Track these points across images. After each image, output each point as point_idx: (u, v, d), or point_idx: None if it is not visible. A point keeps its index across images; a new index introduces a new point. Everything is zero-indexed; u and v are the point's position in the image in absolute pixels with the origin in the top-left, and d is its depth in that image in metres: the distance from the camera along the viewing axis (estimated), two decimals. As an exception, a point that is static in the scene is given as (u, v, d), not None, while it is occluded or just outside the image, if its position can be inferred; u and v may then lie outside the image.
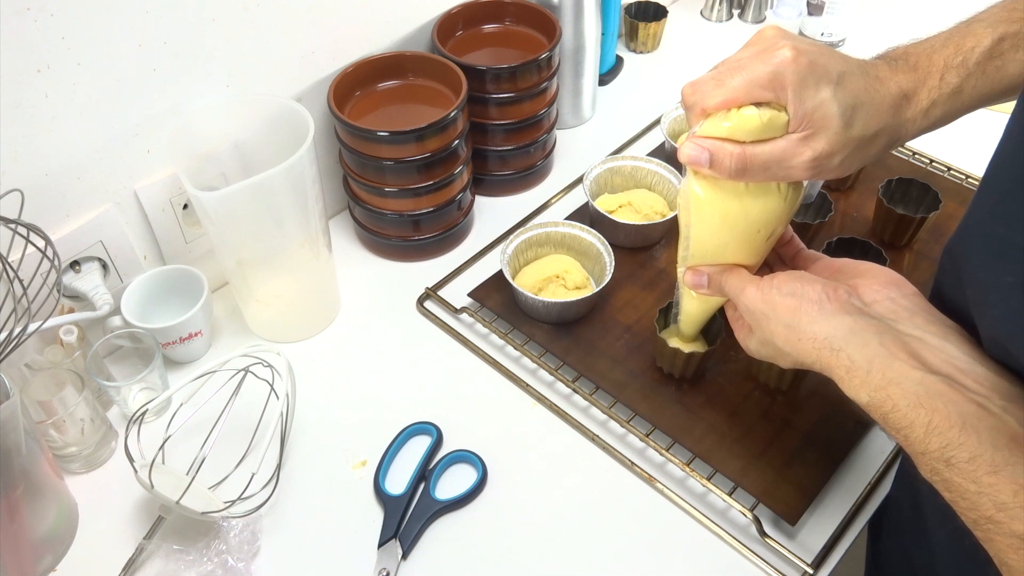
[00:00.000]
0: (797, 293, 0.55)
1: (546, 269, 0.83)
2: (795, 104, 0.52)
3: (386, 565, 0.65)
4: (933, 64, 0.56)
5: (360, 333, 0.83)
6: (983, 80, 0.57)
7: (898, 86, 0.55)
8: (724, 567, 0.65)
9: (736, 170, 0.54)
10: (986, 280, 0.47)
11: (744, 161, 0.53)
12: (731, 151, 0.53)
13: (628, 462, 0.72)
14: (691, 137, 0.55)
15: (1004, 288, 0.45)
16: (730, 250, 0.60)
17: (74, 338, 0.71)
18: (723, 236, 0.59)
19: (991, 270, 0.47)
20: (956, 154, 0.98)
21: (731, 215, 0.57)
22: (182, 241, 0.81)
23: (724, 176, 0.55)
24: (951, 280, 0.53)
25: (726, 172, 0.54)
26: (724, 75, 0.53)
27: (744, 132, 0.53)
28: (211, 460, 0.63)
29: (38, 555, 0.64)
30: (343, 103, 0.84)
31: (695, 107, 0.54)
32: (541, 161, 0.98)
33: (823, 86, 0.52)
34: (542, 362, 0.78)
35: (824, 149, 0.53)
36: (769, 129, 0.53)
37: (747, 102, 0.52)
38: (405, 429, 0.74)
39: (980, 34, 0.56)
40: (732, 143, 0.53)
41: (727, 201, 0.57)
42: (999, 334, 0.46)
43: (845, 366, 0.51)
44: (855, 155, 0.54)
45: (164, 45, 0.70)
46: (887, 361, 0.49)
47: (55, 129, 0.67)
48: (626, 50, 1.21)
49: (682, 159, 0.55)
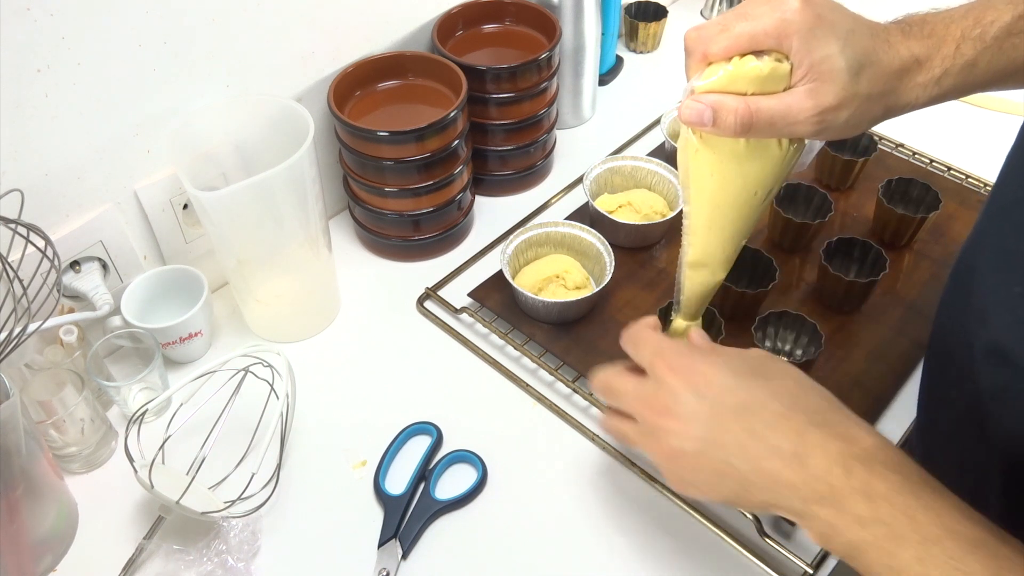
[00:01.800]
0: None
1: (546, 269, 0.83)
2: (801, 54, 0.50)
3: (386, 565, 0.65)
4: (949, 33, 0.54)
5: (360, 333, 0.83)
6: (999, 56, 0.55)
7: (909, 51, 0.53)
8: (724, 567, 0.65)
9: (741, 125, 0.52)
10: (994, 290, 0.47)
11: (749, 116, 0.52)
12: (735, 106, 0.52)
13: (628, 462, 0.72)
14: (691, 95, 0.53)
15: (1013, 298, 0.45)
16: (728, 215, 0.59)
17: (74, 338, 0.71)
18: (720, 199, 0.58)
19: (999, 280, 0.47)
20: (956, 154, 0.98)
21: (729, 177, 0.56)
22: (182, 241, 0.81)
23: (728, 134, 0.53)
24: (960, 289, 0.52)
25: (730, 129, 0.52)
26: (730, 21, 0.51)
27: (746, 81, 0.51)
28: (211, 460, 0.63)
29: (38, 555, 0.64)
30: (343, 103, 0.84)
31: (696, 52, 0.53)
32: (541, 161, 0.98)
33: (831, 39, 0.50)
34: (542, 362, 0.78)
35: (831, 103, 0.51)
36: (771, 80, 0.51)
37: (751, 50, 0.51)
38: (405, 429, 0.74)
39: (1001, 9, 0.55)
40: (735, 97, 0.52)
41: (725, 163, 0.55)
42: (1003, 342, 0.46)
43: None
44: (861, 114, 0.53)
45: (164, 45, 0.70)
46: None
47: (55, 129, 0.67)
48: (626, 50, 1.21)
49: (683, 119, 0.54)
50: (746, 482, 0.51)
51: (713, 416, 0.52)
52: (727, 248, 0.62)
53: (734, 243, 0.61)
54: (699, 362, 0.54)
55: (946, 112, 1.07)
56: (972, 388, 0.51)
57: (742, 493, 0.51)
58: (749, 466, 0.50)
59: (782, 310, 0.77)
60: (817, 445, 0.49)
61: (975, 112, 1.07)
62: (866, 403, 0.74)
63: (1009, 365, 0.46)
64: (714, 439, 0.51)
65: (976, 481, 0.53)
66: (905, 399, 0.75)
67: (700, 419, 0.52)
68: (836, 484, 0.47)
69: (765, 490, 0.50)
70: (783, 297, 0.83)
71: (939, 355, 0.58)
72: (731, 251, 0.62)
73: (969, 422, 0.52)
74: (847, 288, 0.79)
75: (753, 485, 0.50)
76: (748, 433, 0.50)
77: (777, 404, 0.51)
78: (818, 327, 0.75)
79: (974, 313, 0.49)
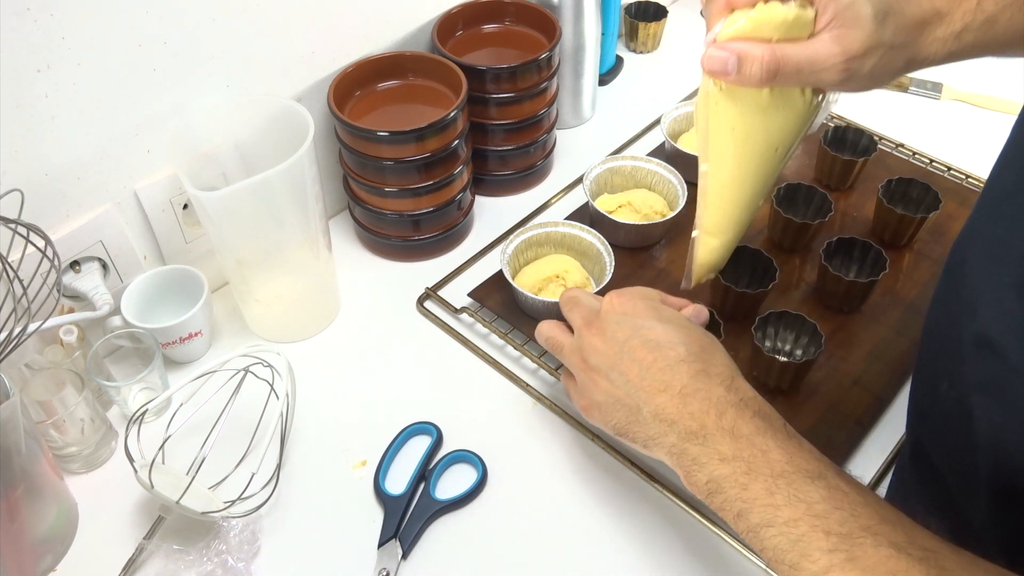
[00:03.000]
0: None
1: (546, 269, 0.83)
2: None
3: (386, 565, 0.65)
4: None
5: (360, 333, 0.83)
6: (1019, 15, 0.55)
7: (930, 2, 0.53)
8: (724, 567, 0.65)
9: (767, 72, 0.51)
10: (984, 281, 0.47)
11: (776, 63, 0.51)
12: (760, 54, 0.51)
13: (628, 461, 0.72)
14: (713, 44, 0.52)
15: (1000, 289, 0.45)
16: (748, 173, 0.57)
17: (74, 338, 0.71)
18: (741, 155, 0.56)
19: (988, 271, 0.47)
20: (956, 154, 0.98)
21: (752, 131, 0.55)
22: (182, 241, 0.81)
23: (752, 83, 0.52)
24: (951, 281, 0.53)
25: (755, 77, 0.51)
26: None
27: (771, 27, 0.50)
28: (211, 460, 0.63)
29: (38, 555, 0.64)
30: (343, 103, 0.84)
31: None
32: (541, 161, 0.98)
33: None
34: (542, 362, 0.78)
35: (857, 50, 0.51)
36: (796, 26, 0.50)
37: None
38: (405, 429, 0.74)
39: None
40: (761, 44, 0.51)
41: (748, 116, 0.54)
42: (990, 333, 0.46)
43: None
44: (884, 64, 0.52)
45: (164, 45, 0.70)
46: None
47: (55, 129, 0.67)
48: (626, 50, 1.21)
49: (705, 68, 0.53)
50: (636, 412, 0.57)
51: (627, 341, 0.58)
52: (744, 211, 0.60)
53: (752, 205, 0.60)
54: (636, 300, 0.61)
55: (946, 112, 1.08)
56: (961, 380, 0.51)
57: (630, 424, 0.58)
58: (642, 396, 0.56)
59: (782, 310, 0.77)
60: (702, 389, 0.55)
61: (975, 112, 1.08)
62: (866, 403, 0.74)
63: (996, 356, 0.46)
64: (621, 363, 0.58)
65: (964, 473, 0.53)
66: (905, 399, 0.75)
67: (617, 341, 0.59)
68: (708, 424, 0.53)
69: (649, 423, 0.56)
70: (783, 297, 0.83)
71: (930, 348, 0.58)
72: (747, 214, 0.60)
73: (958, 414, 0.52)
74: (847, 288, 0.79)
75: (640, 416, 0.57)
76: (649, 366, 0.56)
77: (684, 350, 0.57)
78: (818, 327, 0.75)
79: (964, 305, 0.49)
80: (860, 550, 0.44)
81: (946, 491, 0.55)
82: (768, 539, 0.48)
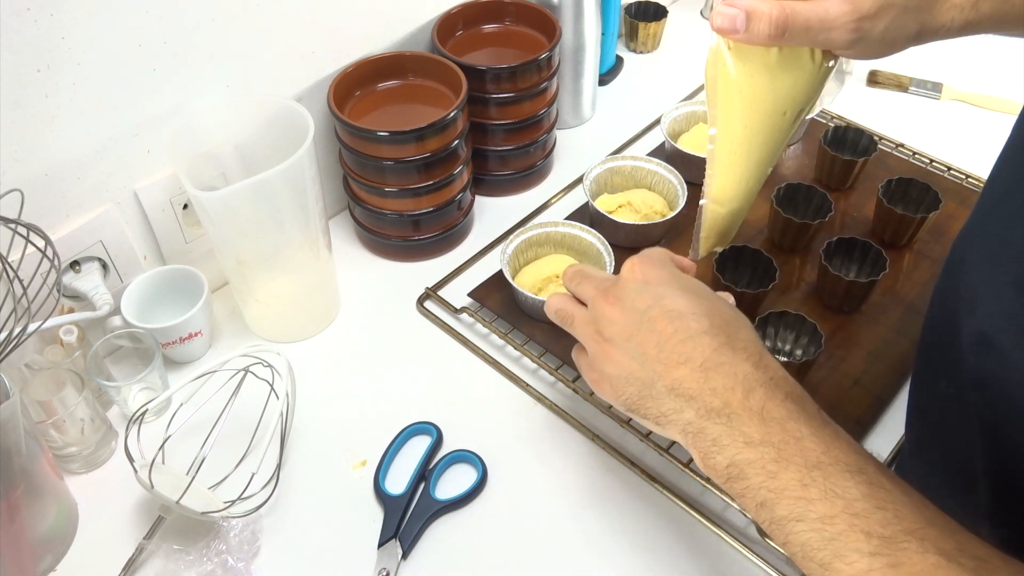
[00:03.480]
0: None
1: (546, 269, 0.83)
2: None
3: (386, 565, 0.65)
4: None
5: (360, 333, 0.83)
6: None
7: None
8: (724, 567, 0.65)
9: (776, 28, 0.51)
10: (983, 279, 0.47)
11: (784, 20, 0.51)
12: (769, 10, 0.50)
13: (628, 462, 0.72)
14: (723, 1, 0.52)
15: (998, 286, 0.45)
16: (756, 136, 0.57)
17: (74, 338, 0.71)
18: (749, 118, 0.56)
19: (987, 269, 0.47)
20: (956, 154, 0.98)
21: (759, 91, 0.55)
22: (182, 241, 0.81)
23: (761, 40, 0.52)
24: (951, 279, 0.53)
25: (763, 35, 0.51)
26: None
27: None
28: (211, 460, 0.63)
29: (38, 555, 0.64)
30: (343, 103, 0.84)
31: None
32: (541, 161, 0.98)
33: None
34: (542, 362, 0.78)
35: (868, 9, 0.50)
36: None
37: None
38: (405, 429, 0.74)
39: None
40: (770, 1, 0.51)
41: (756, 76, 0.54)
42: (988, 330, 0.46)
43: None
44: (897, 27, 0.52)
45: (164, 45, 0.70)
46: None
47: (55, 129, 0.67)
48: (626, 50, 1.21)
49: (714, 26, 0.52)
50: (649, 386, 0.53)
51: (647, 311, 0.54)
52: (752, 178, 0.59)
53: (759, 173, 0.59)
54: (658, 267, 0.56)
55: (946, 112, 1.08)
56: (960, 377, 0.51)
57: (642, 400, 0.53)
58: (658, 368, 0.52)
59: (782, 310, 0.77)
60: (726, 363, 0.50)
61: (975, 112, 1.08)
62: (866, 403, 0.74)
63: (994, 353, 0.46)
64: (639, 334, 0.53)
65: (963, 470, 0.53)
66: (905, 399, 0.75)
67: (637, 311, 0.54)
68: (732, 402, 0.49)
69: (663, 398, 0.52)
70: (783, 297, 0.83)
71: (930, 345, 0.58)
72: (755, 183, 0.60)
73: (956, 412, 0.52)
74: (847, 288, 0.79)
75: (654, 391, 0.52)
76: (668, 337, 0.52)
77: (707, 321, 0.52)
78: (818, 327, 0.75)
79: (963, 302, 0.49)
80: (904, 555, 0.41)
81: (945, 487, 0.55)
82: (796, 534, 0.45)
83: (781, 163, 0.99)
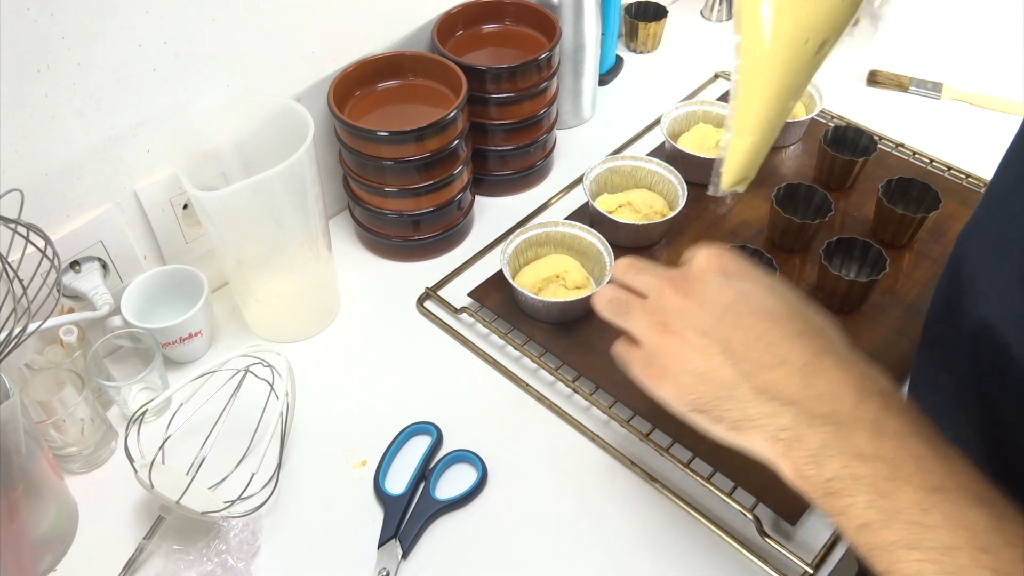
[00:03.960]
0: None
1: (546, 269, 0.83)
2: None
3: (386, 565, 0.65)
4: None
5: (360, 333, 0.83)
6: None
7: None
8: (724, 567, 0.65)
9: None
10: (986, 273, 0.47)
11: None
12: None
13: (628, 461, 0.72)
14: None
15: (1001, 279, 0.45)
16: (777, 64, 0.57)
17: (74, 338, 0.71)
18: (772, 45, 0.56)
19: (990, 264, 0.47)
20: (956, 154, 0.98)
21: (782, 16, 0.55)
22: (182, 241, 0.81)
23: None
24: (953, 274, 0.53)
25: None
26: None
27: None
28: (211, 460, 0.63)
29: (38, 555, 0.64)
30: (343, 103, 0.84)
31: None
32: (541, 161, 0.98)
33: None
34: (542, 362, 0.78)
35: None
36: None
37: None
38: (405, 429, 0.74)
39: None
40: None
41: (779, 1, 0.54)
42: (992, 323, 0.46)
43: None
44: None
45: (164, 45, 0.70)
46: None
47: (55, 129, 0.67)
48: (626, 50, 1.21)
49: None
50: (732, 387, 0.46)
51: (731, 306, 0.48)
52: (773, 109, 0.59)
53: (780, 103, 0.59)
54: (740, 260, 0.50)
55: (946, 112, 1.08)
56: (960, 371, 0.51)
57: (719, 402, 0.47)
58: (745, 368, 0.46)
59: (782, 310, 0.77)
60: (832, 368, 0.45)
61: (975, 112, 1.07)
62: (866, 403, 0.74)
63: (996, 346, 0.46)
64: (722, 329, 0.47)
65: None
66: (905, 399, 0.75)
67: (719, 304, 0.48)
68: (842, 409, 0.43)
69: (748, 401, 0.46)
70: (783, 297, 0.83)
71: (931, 339, 0.58)
72: (776, 115, 0.59)
73: (956, 406, 0.53)
74: (847, 288, 0.79)
75: (737, 392, 0.46)
76: (760, 335, 0.46)
77: (803, 324, 0.47)
78: (818, 327, 0.74)
79: (966, 296, 0.49)
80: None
81: None
82: (907, 563, 0.39)
83: (781, 163, 0.99)
